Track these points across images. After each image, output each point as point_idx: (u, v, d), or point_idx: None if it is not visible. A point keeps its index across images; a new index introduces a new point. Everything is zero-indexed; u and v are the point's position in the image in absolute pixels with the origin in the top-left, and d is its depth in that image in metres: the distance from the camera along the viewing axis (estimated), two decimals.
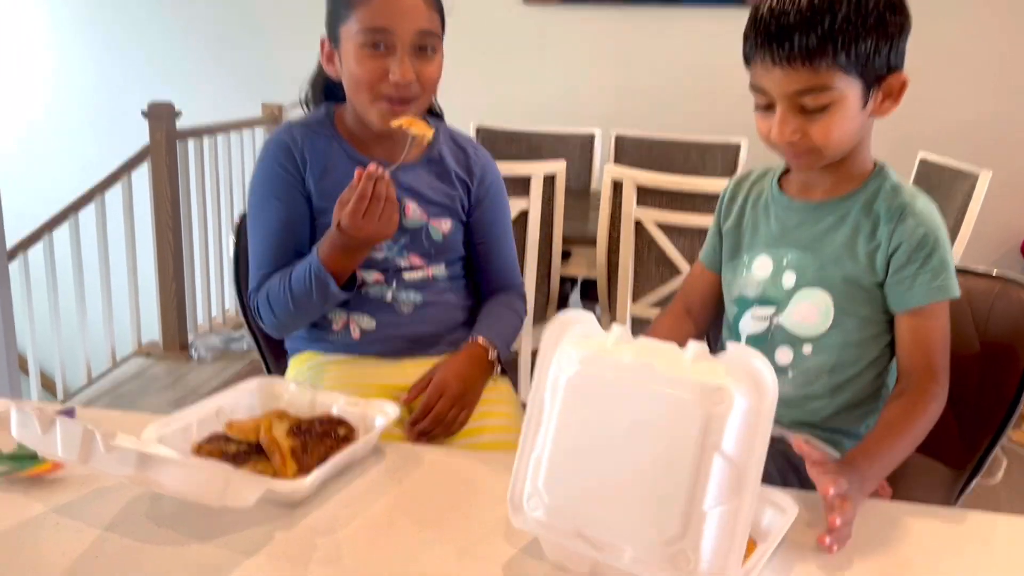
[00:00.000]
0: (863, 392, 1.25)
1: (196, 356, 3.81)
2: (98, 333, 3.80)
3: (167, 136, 3.63)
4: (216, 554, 0.93)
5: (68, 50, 4.71)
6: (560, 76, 4.08)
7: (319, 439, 1.11)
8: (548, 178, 2.50)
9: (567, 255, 2.76)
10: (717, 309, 1.38)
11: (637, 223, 2.44)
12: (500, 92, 4.12)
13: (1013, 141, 3.67)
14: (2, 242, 2.78)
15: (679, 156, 3.38)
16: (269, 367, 1.69)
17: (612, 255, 2.55)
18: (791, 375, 1.25)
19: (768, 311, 1.25)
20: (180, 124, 3.70)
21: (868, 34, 1.08)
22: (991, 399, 1.32)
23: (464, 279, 1.57)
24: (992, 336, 1.33)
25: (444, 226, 1.50)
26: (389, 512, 1.03)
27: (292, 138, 1.45)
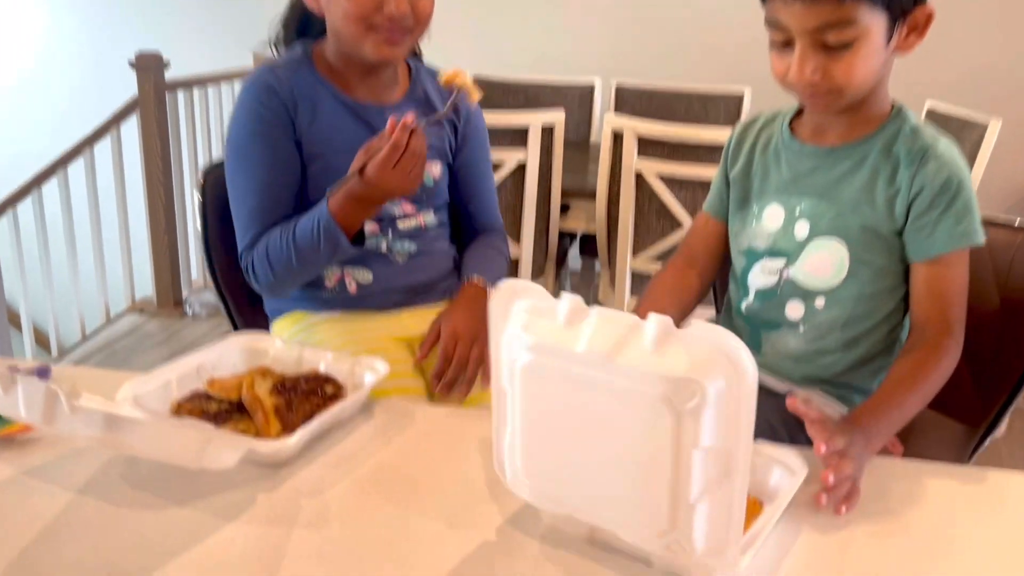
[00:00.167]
0: (876, 347, 1.20)
1: (191, 312, 3.77)
2: (91, 289, 3.75)
3: (156, 87, 3.55)
4: (195, 518, 0.89)
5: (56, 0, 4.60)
6: (559, 24, 3.97)
7: (304, 397, 1.06)
8: (546, 129, 2.45)
9: (566, 209, 2.71)
10: (723, 261, 1.32)
11: (638, 175, 2.39)
12: (496, 41, 4.02)
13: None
14: None
15: (681, 106, 3.31)
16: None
17: (612, 208, 2.51)
18: (802, 330, 1.20)
19: (778, 263, 1.19)
20: (169, 75, 3.61)
21: None
22: (1010, 354, 1.27)
23: (449, 226, 1.53)
24: (1013, 290, 1.27)
25: (435, 170, 1.44)
26: (378, 473, 0.98)
27: (276, 79, 1.35)
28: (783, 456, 0.94)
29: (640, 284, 2.54)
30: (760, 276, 1.21)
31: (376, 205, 1.31)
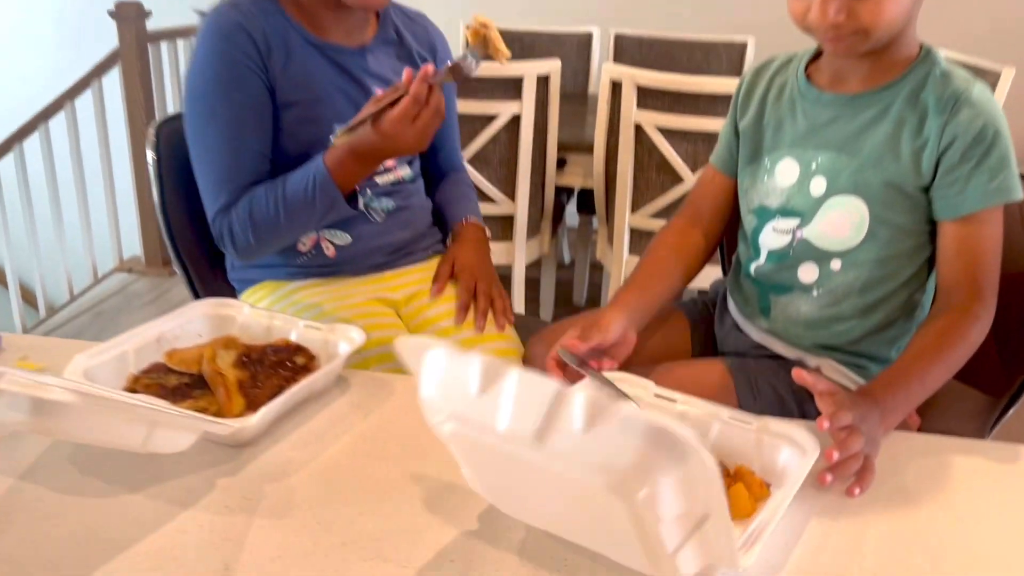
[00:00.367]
0: (895, 313, 1.11)
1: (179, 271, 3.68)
2: (78, 248, 3.67)
3: (137, 38, 3.42)
4: (146, 506, 0.80)
5: None
6: None
7: (271, 370, 0.97)
8: (541, 79, 2.36)
9: (562, 163, 2.62)
10: (730, 219, 1.22)
11: (637, 127, 2.29)
12: None
13: None
14: None
15: (682, 55, 3.21)
16: None
17: (610, 163, 2.42)
18: (816, 294, 1.11)
19: (792, 223, 1.10)
20: (151, 26, 3.49)
21: None
22: None
23: (421, 178, 1.44)
24: None
25: None
26: (352, 453, 0.90)
27: (243, 16, 1.21)
28: (793, 433, 0.86)
29: (639, 242, 2.45)
30: (772, 236, 1.12)
31: (377, 163, 1.21)
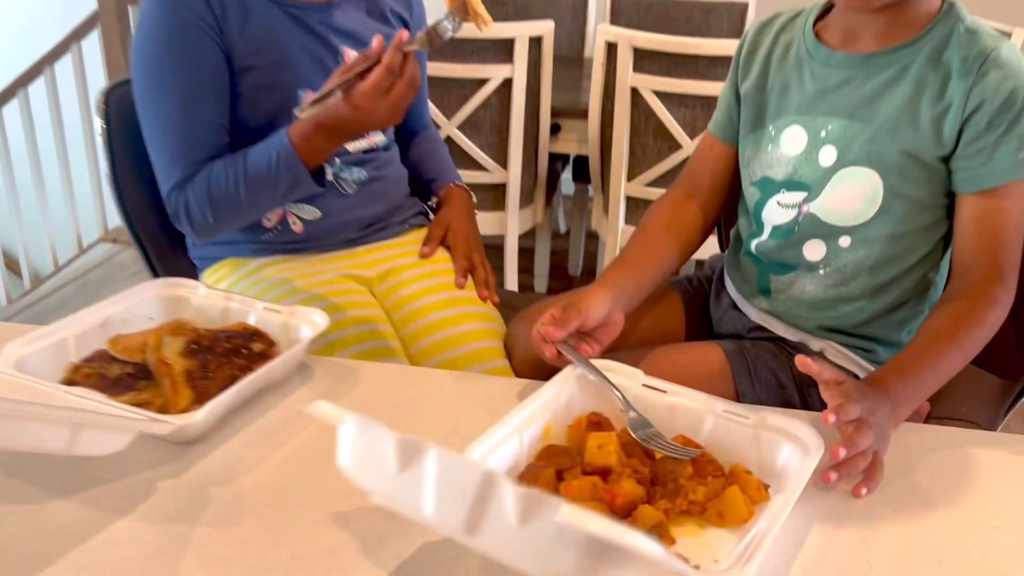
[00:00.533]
0: (907, 294, 1.03)
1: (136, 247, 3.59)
2: (62, 218, 3.58)
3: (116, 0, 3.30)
4: (77, 513, 0.72)
5: None
6: None
7: (224, 358, 0.89)
8: (534, 41, 2.26)
9: (556, 129, 2.53)
10: (730, 191, 1.13)
11: (633, 91, 2.20)
12: None
13: None
14: None
15: (680, 16, 3.10)
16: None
17: (606, 129, 2.33)
18: (823, 272, 1.02)
19: (798, 197, 1.01)
20: None
21: None
22: None
23: (396, 146, 1.35)
24: None
25: None
26: (309, 452, 0.81)
27: None
28: (794, 428, 0.78)
29: (635, 211, 2.37)
30: (777, 211, 1.03)
31: (346, 138, 1.12)
